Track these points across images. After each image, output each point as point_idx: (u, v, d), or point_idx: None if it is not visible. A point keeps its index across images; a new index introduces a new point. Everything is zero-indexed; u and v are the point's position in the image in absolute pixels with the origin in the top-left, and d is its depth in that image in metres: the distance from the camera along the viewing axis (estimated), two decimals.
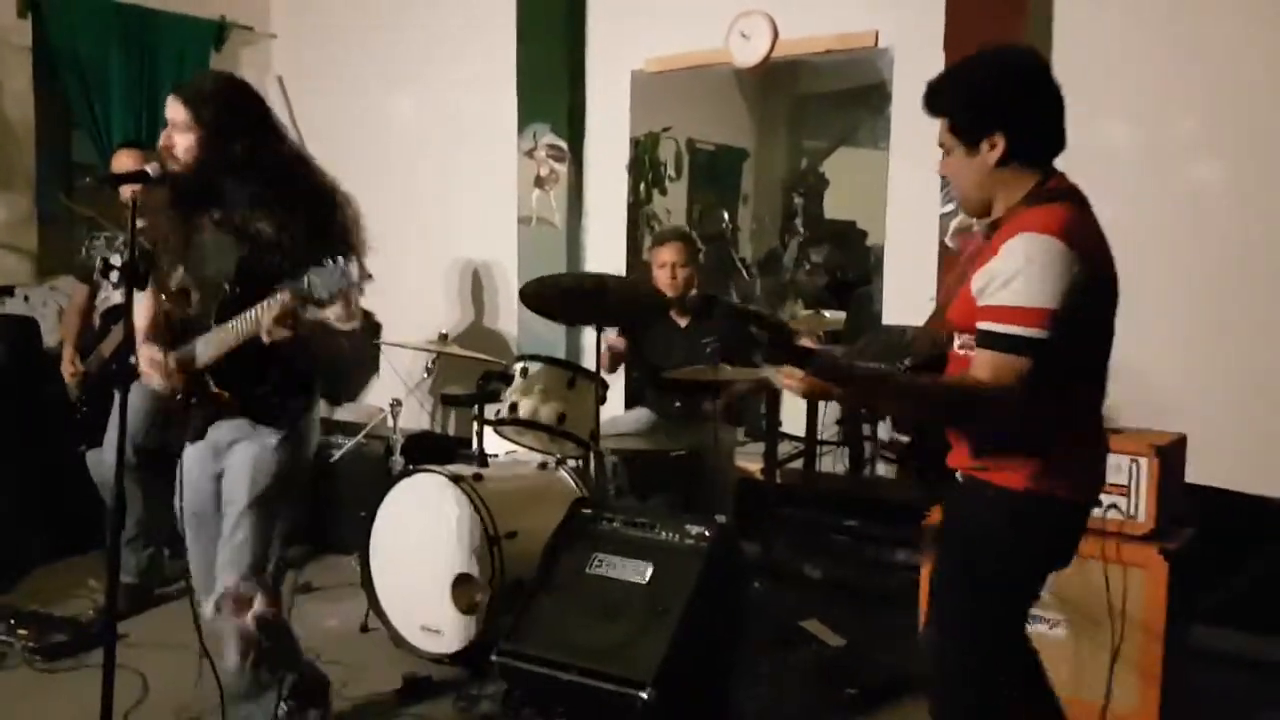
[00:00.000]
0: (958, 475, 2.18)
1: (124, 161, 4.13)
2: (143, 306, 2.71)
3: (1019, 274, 1.94)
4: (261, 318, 2.40)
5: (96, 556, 4.31)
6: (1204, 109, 3.89)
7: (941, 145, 2.16)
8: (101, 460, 4.04)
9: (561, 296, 3.92)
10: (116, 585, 2.34)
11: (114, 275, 4.04)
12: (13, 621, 3.67)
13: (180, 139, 2.50)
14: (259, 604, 2.62)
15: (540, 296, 3.96)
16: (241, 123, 2.55)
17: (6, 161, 5.20)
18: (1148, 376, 3.88)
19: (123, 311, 3.92)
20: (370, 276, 2.44)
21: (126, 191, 4.08)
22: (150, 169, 2.44)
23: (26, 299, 4.99)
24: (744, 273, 5.45)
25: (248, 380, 2.60)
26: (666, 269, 4.18)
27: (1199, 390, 3.83)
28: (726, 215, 5.60)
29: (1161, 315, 3.85)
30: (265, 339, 2.41)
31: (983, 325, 1.97)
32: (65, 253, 4.27)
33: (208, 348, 2.56)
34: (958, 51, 4.05)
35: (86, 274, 4.18)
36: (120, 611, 2.49)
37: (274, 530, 2.67)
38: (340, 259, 2.29)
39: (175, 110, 2.51)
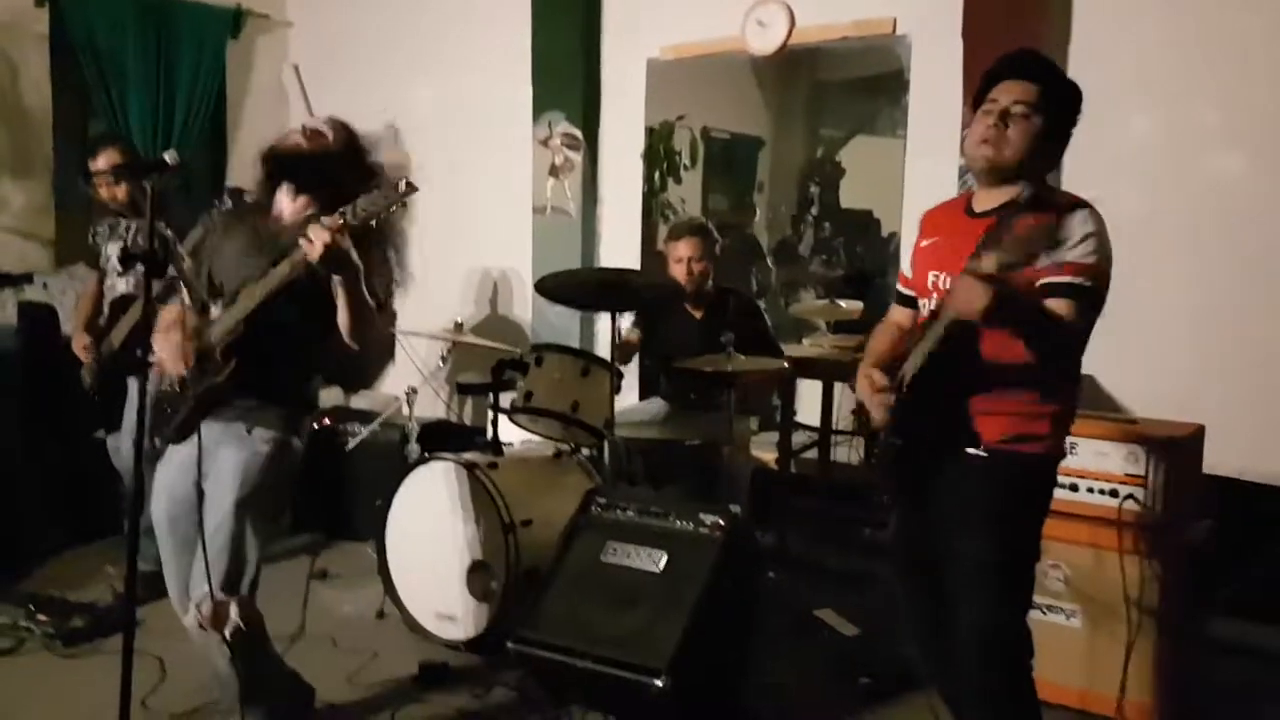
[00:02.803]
0: (975, 451, 2.30)
1: (110, 158, 4.12)
2: (173, 307, 2.70)
3: (1088, 238, 2.19)
4: (311, 239, 2.36)
5: (114, 543, 4.35)
6: (1224, 100, 3.85)
7: (1020, 103, 2.27)
8: (119, 446, 4.07)
9: (577, 289, 3.92)
10: (135, 571, 2.35)
11: (116, 263, 4.08)
12: (31, 607, 3.69)
13: None
14: (234, 614, 2.59)
15: (556, 289, 3.96)
16: None
17: (25, 149, 5.23)
18: (1166, 367, 3.87)
19: (131, 302, 3.99)
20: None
21: (104, 190, 4.10)
22: (169, 157, 2.43)
23: (45, 286, 5.02)
24: (762, 260, 5.44)
25: (261, 359, 2.57)
26: (683, 264, 4.16)
27: (1218, 381, 3.80)
28: (758, 211, 5.58)
29: (1181, 306, 3.84)
30: (311, 254, 2.36)
31: (1060, 278, 2.18)
32: (83, 240, 4.29)
33: (231, 314, 2.54)
34: (976, 38, 4.06)
35: (96, 260, 4.19)
36: (138, 597, 2.49)
37: (253, 538, 2.62)
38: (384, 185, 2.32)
39: None
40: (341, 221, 2.35)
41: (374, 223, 2.39)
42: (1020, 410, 2.28)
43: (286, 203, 2.65)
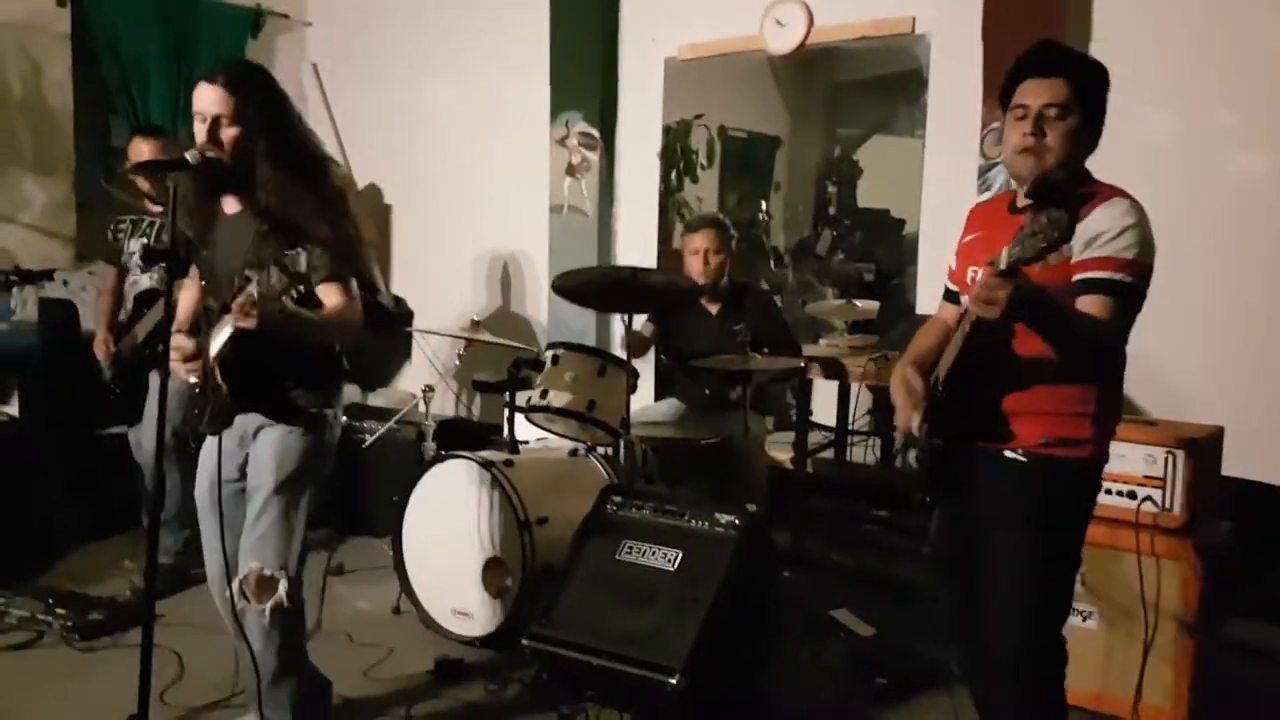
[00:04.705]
0: (1013, 455, 2.25)
1: (142, 150, 4.17)
2: (188, 295, 2.72)
3: (1127, 230, 2.12)
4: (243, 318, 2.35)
5: (132, 537, 4.38)
6: (1243, 99, 3.83)
7: (1052, 105, 2.21)
8: (141, 441, 4.09)
9: (593, 288, 3.91)
10: (155, 565, 2.37)
11: (137, 259, 4.10)
12: (50, 601, 3.72)
13: (225, 130, 2.50)
14: (282, 589, 2.61)
15: (572, 287, 3.95)
16: (271, 112, 2.56)
17: (46, 147, 5.27)
18: (1185, 368, 3.84)
19: (157, 295, 4.02)
20: (342, 271, 2.49)
21: (144, 182, 4.14)
22: (190, 156, 2.44)
23: (66, 283, 5.06)
24: (775, 260, 5.44)
25: (261, 378, 2.57)
26: (699, 255, 4.17)
27: (1238, 382, 3.78)
28: (765, 205, 5.58)
29: (1200, 306, 3.81)
30: (235, 326, 2.36)
31: (1096, 274, 2.12)
32: (103, 237, 4.34)
33: (216, 338, 2.56)
34: (996, 38, 4.05)
35: (115, 257, 4.23)
36: (157, 591, 2.51)
37: (299, 516, 2.65)
38: (300, 249, 2.27)
39: (220, 100, 2.50)
40: (253, 295, 2.30)
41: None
42: (1059, 411, 2.22)
43: (230, 201, 2.65)
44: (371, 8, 6.10)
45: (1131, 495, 3.07)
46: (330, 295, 2.53)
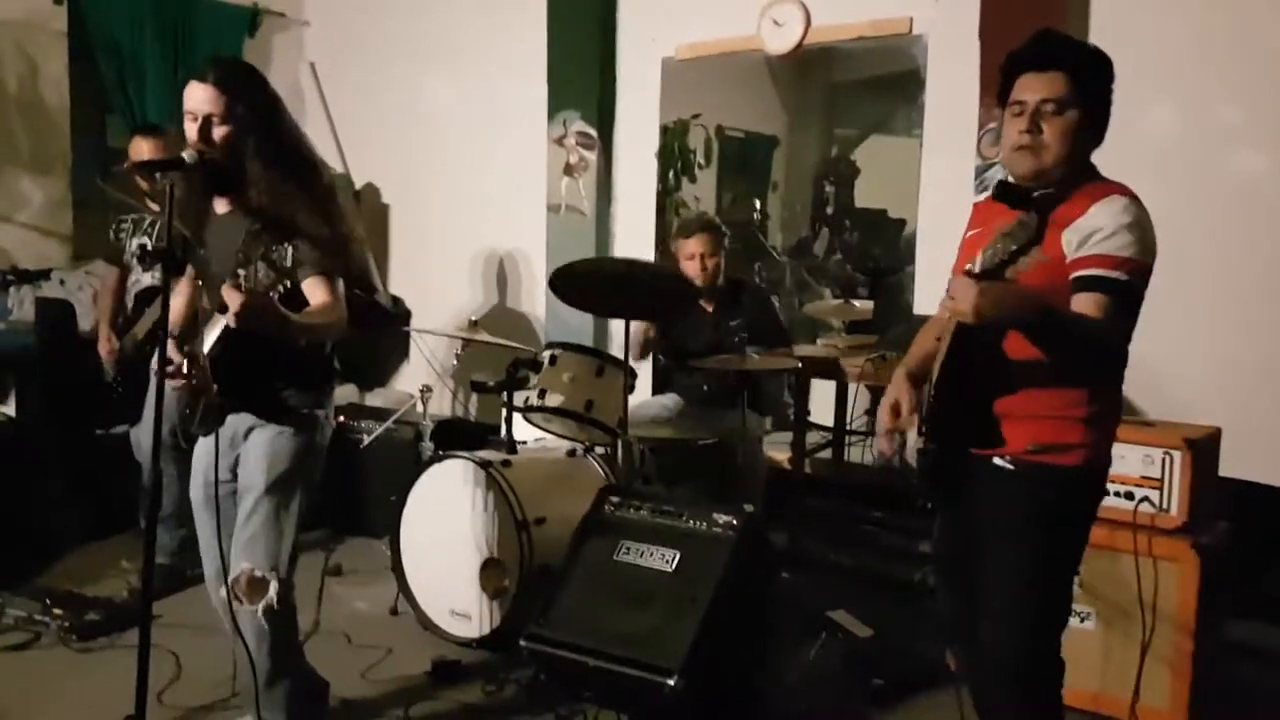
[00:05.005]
0: (1001, 462, 2.22)
1: (142, 148, 4.16)
2: (181, 296, 2.70)
3: (1123, 228, 2.07)
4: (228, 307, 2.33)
5: (130, 537, 4.37)
6: (1244, 97, 3.83)
7: (1049, 100, 2.15)
8: (141, 440, 4.09)
9: (590, 283, 3.89)
10: (153, 565, 2.36)
11: (137, 259, 4.10)
12: (48, 601, 3.72)
13: (216, 129, 2.49)
14: (272, 590, 2.60)
15: (569, 285, 3.94)
16: (262, 110, 2.55)
17: (43, 146, 5.27)
18: (1186, 368, 3.84)
19: (156, 293, 4.01)
20: (330, 268, 2.50)
21: (142, 181, 4.14)
22: (187, 156, 2.44)
23: (62, 282, 5.05)
24: (774, 258, 5.44)
25: (252, 378, 2.56)
26: (695, 260, 4.17)
27: (1237, 383, 3.78)
28: (758, 203, 5.59)
29: (1199, 306, 3.82)
30: (230, 320, 2.33)
31: (1090, 271, 2.07)
32: (100, 237, 4.33)
33: (207, 337, 2.54)
34: (993, 38, 4.05)
35: (117, 256, 4.22)
36: (154, 592, 2.50)
37: (289, 517, 2.64)
38: (287, 244, 2.29)
39: (211, 98, 2.49)
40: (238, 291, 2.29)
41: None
42: (1049, 415, 2.17)
43: (221, 201, 2.64)
44: (369, 7, 6.09)
45: (1129, 496, 3.07)
46: (316, 291, 2.52)
